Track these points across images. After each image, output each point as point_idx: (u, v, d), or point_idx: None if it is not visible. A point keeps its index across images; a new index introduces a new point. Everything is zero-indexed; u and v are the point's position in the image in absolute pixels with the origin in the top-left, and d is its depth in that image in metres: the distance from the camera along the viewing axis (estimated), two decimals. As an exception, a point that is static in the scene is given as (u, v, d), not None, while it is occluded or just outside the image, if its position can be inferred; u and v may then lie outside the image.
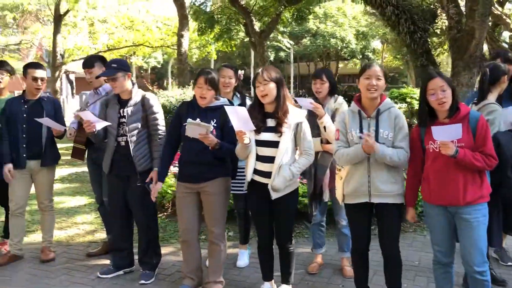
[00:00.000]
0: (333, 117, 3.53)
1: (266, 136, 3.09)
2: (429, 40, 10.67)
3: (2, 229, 4.46)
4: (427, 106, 2.79)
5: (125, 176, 3.68)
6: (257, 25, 15.65)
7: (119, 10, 23.00)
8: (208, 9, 17.30)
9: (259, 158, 3.12)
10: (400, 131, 2.88)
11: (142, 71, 38.09)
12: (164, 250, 4.11)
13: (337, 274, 3.86)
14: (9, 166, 3.95)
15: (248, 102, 3.94)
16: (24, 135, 3.98)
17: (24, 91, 4.12)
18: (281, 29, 23.34)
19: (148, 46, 20.07)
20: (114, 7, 22.82)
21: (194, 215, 3.45)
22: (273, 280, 3.42)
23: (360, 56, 38.21)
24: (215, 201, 3.36)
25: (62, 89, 25.49)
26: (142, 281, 3.68)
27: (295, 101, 3.37)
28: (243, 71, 4.25)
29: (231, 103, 3.52)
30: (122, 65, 3.65)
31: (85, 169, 8.47)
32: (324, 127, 3.48)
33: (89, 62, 4.09)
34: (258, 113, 3.10)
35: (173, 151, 3.52)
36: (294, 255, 3.36)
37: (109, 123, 3.59)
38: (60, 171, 8.29)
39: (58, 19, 18.57)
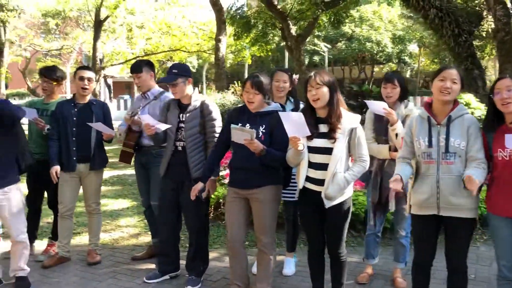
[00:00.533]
0: (402, 124, 3.41)
1: (318, 142, 2.99)
2: (474, 43, 10.33)
3: (51, 231, 4.51)
4: (493, 109, 2.65)
5: (180, 181, 3.66)
6: (293, 29, 15.60)
7: (156, 16, 23.48)
8: (244, 14, 17.33)
9: (311, 165, 3.03)
10: (476, 141, 2.71)
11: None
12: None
13: (388, 285, 3.73)
14: (56, 168, 3.98)
15: (302, 107, 3.84)
16: (74, 138, 4.03)
17: (74, 94, 4.18)
18: (316, 33, 23.23)
19: (184, 51, 20.29)
20: (151, 13, 23.31)
21: (241, 221, 3.38)
22: (323, 291, 3.31)
23: (396, 60, 37.60)
24: (264, 209, 3.28)
25: (100, 93, 26.10)
26: (189, 287, 3.64)
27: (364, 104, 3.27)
28: (297, 76, 4.17)
29: (283, 108, 3.45)
30: (182, 71, 3.63)
31: (126, 171, 8.71)
32: (396, 134, 3.35)
33: (137, 67, 4.11)
34: (310, 118, 3.00)
35: (219, 156, 3.48)
36: (347, 265, 3.24)
37: (169, 126, 3.58)
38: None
39: (98, 25, 19.04)
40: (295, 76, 4.01)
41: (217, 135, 3.58)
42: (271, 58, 33.84)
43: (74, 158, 4.04)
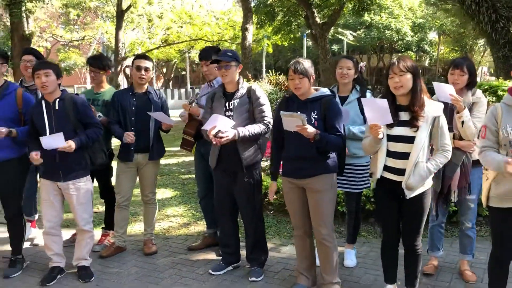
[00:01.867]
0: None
1: (399, 130, 2.89)
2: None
3: (104, 220, 4.50)
4: None
5: (232, 172, 3.60)
6: (318, 17, 15.38)
7: (173, 6, 23.33)
8: (268, 2, 17.13)
9: (390, 154, 2.94)
10: None
11: (194, 66, 38.54)
12: (265, 246, 4.01)
13: (456, 278, 3.63)
14: (132, 137, 3.88)
15: (369, 95, 3.74)
16: (132, 128, 3.98)
17: (132, 83, 4.12)
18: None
19: (206, 40, 20.16)
20: (168, 2, 23.17)
21: (303, 210, 3.31)
22: (395, 284, 3.23)
23: (416, 49, 37.05)
24: (320, 198, 3.20)
25: (121, 84, 26.16)
26: (253, 278, 3.59)
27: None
28: (364, 63, 4.05)
29: (333, 93, 3.35)
30: (236, 56, 3.58)
31: (168, 161, 8.70)
32: (462, 122, 3.23)
33: (206, 54, 4.04)
34: (390, 106, 2.90)
35: (280, 150, 3.40)
36: (422, 258, 3.15)
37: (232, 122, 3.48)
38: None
39: (120, 14, 18.94)
40: (362, 64, 3.89)
41: (267, 119, 3.52)
42: (289, 47, 33.59)
43: (132, 148, 3.99)
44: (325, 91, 3.29)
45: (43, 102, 3.49)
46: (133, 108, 4.01)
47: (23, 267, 3.86)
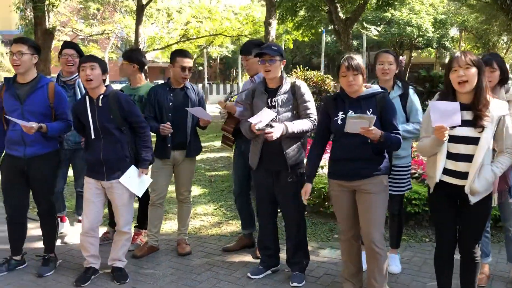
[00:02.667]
0: None
1: (462, 131, 2.69)
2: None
3: (137, 219, 4.37)
4: None
5: (275, 171, 3.43)
6: (341, 13, 15.10)
7: (192, 1, 23.24)
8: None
9: (451, 156, 2.74)
10: None
11: (211, 61, 38.49)
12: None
13: (510, 288, 3.43)
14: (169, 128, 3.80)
15: (412, 91, 3.55)
16: (170, 124, 3.84)
17: (169, 78, 3.98)
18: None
19: (225, 36, 20.01)
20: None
21: (353, 214, 3.13)
22: (450, 292, 3.03)
23: (436, 45, 36.44)
24: (373, 201, 3.01)
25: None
26: (295, 284, 3.43)
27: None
28: (404, 57, 3.85)
29: (385, 90, 3.15)
30: (281, 51, 3.41)
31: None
32: None
33: (247, 48, 3.88)
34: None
35: (321, 152, 3.24)
36: (480, 267, 2.95)
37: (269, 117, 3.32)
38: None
39: (140, 9, 18.86)
40: (402, 58, 3.69)
41: (312, 116, 3.36)
42: (306, 44, 33.28)
43: (169, 145, 3.85)
44: (377, 87, 3.10)
45: (87, 98, 3.37)
46: (170, 104, 3.87)
47: (56, 266, 3.76)
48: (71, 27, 21.53)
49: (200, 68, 40.03)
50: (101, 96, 3.37)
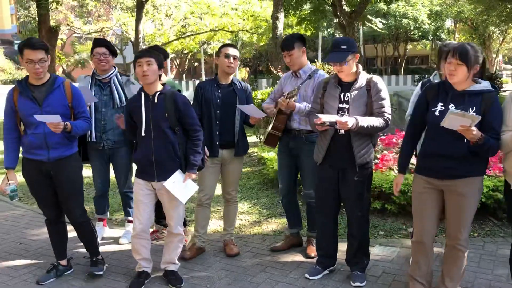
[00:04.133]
0: None
1: None
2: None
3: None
4: None
5: (341, 169, 3.32)
6: (346, 6, 15.00)
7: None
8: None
9: None
10: None
11: (205, 57, 38.23)
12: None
13: None
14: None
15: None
16: (217, 122, 3.72)
17: (216, 74, 3.85)
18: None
19: (226, 31, 19.82)
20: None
21: (435, 215, 3.01)
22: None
23: (432, 37, 36.49)
24: (465, 203, 2.87)
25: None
26: (357, 283, 3.34)
27: None
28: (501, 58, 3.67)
29: (495, 88, 2.85)
30: (351, 46, 3.22)
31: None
32: None
33: (288, 43, 3.72)
34: None
35: (416, 142, 3.10)
36: None
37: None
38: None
39: (140, 5, 18.61)
40: (500, 59, 3.54)
41: (387, 115, 3.21)
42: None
43: (217, 143, 3.74)
44: (487, 84, 2.85)
45: (143, 94, 3.24)
46: (218, 100, 3.74)
47: (104, 269, 3.64)
48: (68, 24, 21.22)
49: (196, 64, 39.80)
50: (157, 93, 3.24)
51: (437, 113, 2.84)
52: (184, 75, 37.82)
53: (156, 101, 3.21)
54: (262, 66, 42.28)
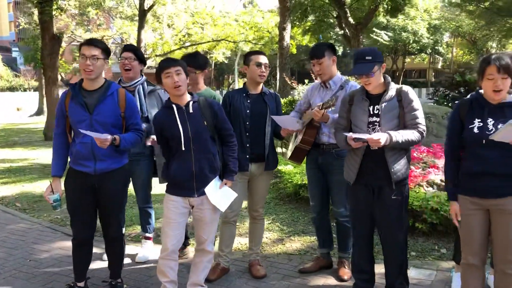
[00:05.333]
0: None
1: None
2: None
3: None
4: None
5: (376, 187, 3.09)
6: (350, 18, 14.94)
7: (188, 7, 22.98)
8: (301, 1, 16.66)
9: None
10: None
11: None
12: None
13: None
14: None
15: None
16: (247, 134, 3.49)
17: (244, 83, 3.64)
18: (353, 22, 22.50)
19: (229, 41, 19.71)
20: (183, 3, 22.82)
21: (482, 236, 2.80)
22: None
23: (430, 51, 36.66)
24: None
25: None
26: (397, 310, 3.09)
27: None
28: None
29: None
30: (377, 56, 2.99)
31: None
32: None
33: (318, 51, 3.52)
34: None
35: (458, 163, 2.87)
36: None
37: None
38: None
39: (142, 14, 18.54)
40: None
41: (421, 127, 2.98)
42: (301, 50, 33.06)
43: (247, 157, 3.51)
44: None
45: (175, 106, 3.01)
46: (248, 111, 3.52)
47: (124, 291, 3.39)
48: (72, 32, 21.08)
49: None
50: (191, 102, 3.02)
51: (475, 130, 2.68)
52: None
53: (191, 111, 2.99)
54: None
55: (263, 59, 3.56)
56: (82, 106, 3.05)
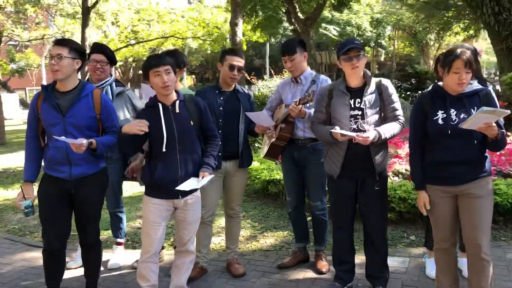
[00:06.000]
0: None
1: None
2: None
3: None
4: None
5: (360, 179, 3.13)
6: (300, 13, 15.11)
7: (131, 3, 22.39)
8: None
9: None
10: None
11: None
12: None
13: None
14: None
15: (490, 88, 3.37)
16: (220, 131, 3.43)
17: (217, 80, 3.57)
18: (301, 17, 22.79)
19: (177, 38, 19.35)
20: (126, 0, 22.23)
21: (452, 221, 2.92)
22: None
23: (373, 44, 37.80)
24: (480, 205, 2.79)
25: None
26: (384, 299, 3.16)
27: None
28: (481, 49, 3.64)
29: (485, 86, 2.92)
30: (361, 45, 3.04)
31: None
32: None
33: (290, 47, 3.50)
34: None
35: (422, 154, 2.93)
36: None
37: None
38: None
39: (86, 11, 17.76)
40: (480, 49, 3.49)
41: (401, 119, 3.09)
42: (251, 46, 33.16)
43: (220, 154, 3.44)
44: (476, 83, 2.85)
45: (160, 105, 2.89)
46: (221, 108, 3.47)
47: (100, 302, 3.24)
48: (13, 31, 19.91)
49: (140, 72, 38.71)
50: (177, 101, 2.92)
51: (440, 121, 2.77)
52: (129, 84, 36.68)
53: (177, 110, 2.89)
54: (208, 74, 41.93)
55: (237, 62, 3.50)
56: (55, 108, 2.89)
